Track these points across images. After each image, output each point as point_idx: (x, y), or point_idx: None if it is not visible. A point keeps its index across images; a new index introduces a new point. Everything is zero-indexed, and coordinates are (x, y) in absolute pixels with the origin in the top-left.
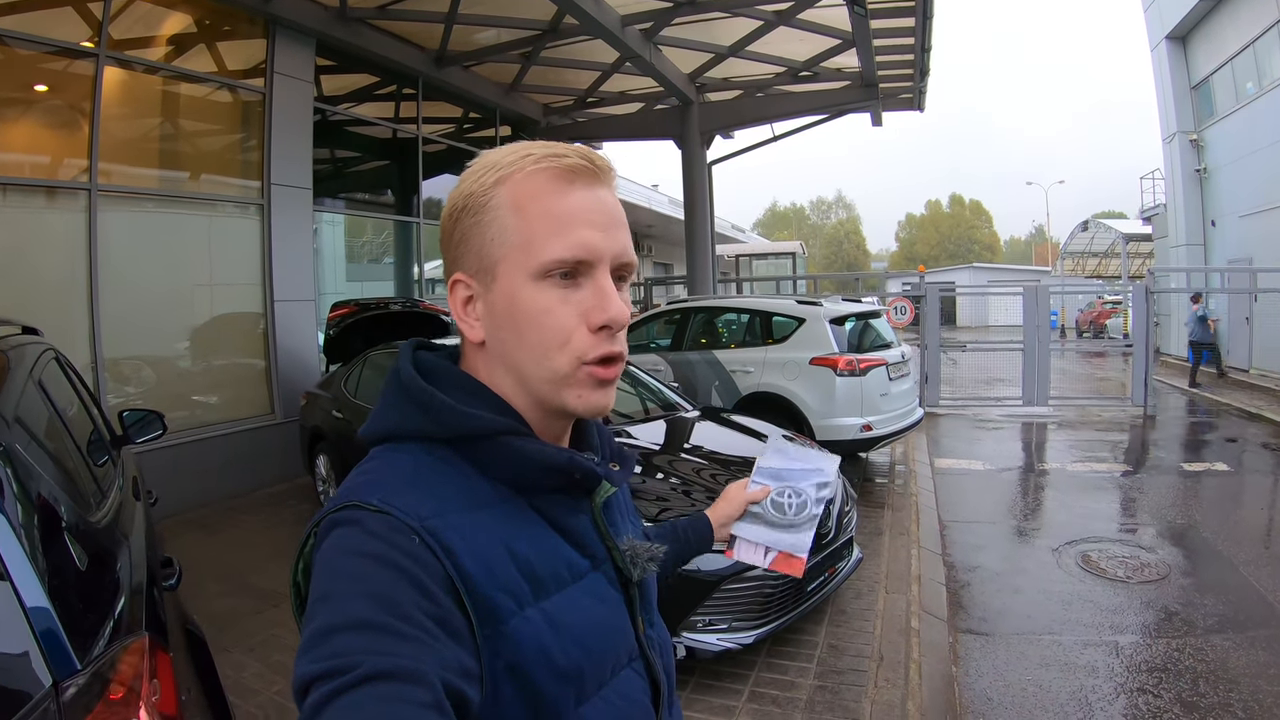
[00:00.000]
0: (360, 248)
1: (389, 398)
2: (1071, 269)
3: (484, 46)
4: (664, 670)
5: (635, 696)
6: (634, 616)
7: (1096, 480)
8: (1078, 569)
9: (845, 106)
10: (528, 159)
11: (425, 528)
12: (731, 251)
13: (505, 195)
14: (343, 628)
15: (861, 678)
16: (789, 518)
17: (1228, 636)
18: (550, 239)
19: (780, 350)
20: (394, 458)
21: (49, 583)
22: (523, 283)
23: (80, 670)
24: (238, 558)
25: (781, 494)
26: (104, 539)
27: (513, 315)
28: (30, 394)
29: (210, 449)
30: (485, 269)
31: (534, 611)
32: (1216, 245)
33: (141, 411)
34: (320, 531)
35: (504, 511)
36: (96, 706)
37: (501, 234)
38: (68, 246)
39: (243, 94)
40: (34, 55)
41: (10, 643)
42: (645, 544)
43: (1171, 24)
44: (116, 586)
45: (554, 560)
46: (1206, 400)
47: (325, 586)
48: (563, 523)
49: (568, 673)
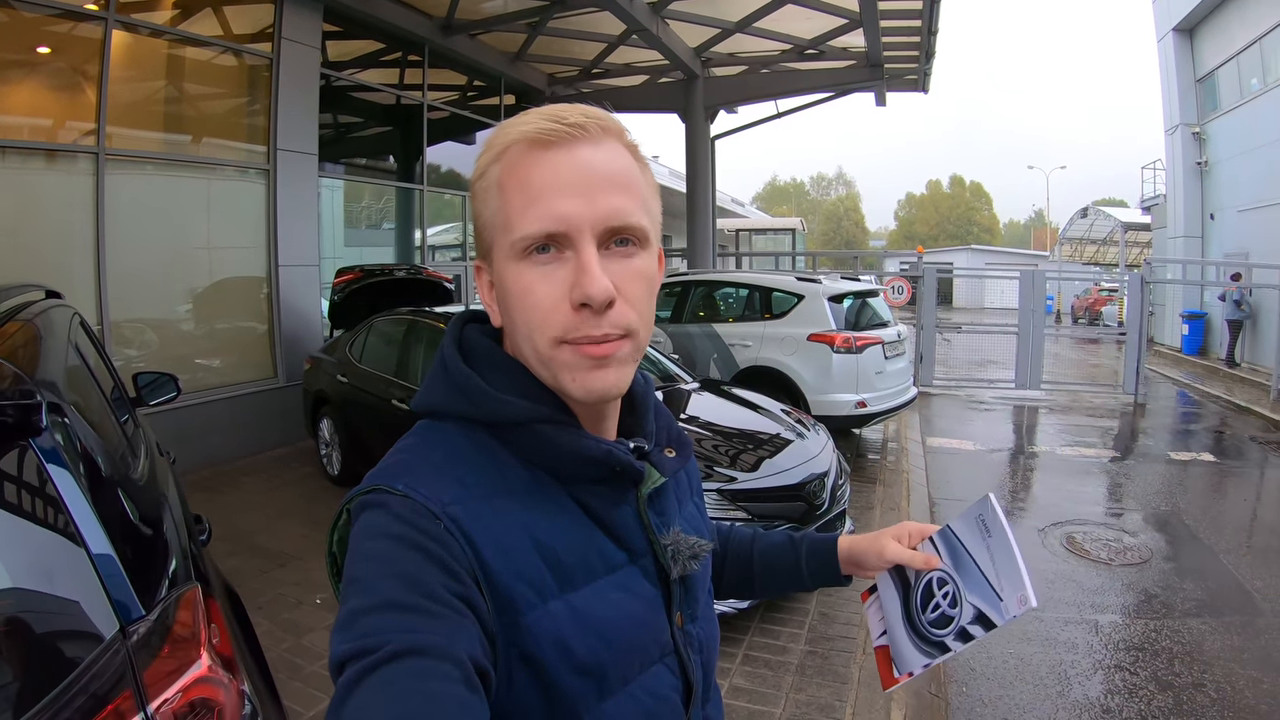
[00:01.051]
0: (362, 213)
1: (435, 373)
2: (1069, 255)
3: (491, 15)
4: (700, 667)
5: (664, 694)
6: (670, 611)
7: (1085, 465)
8: (1062, 550)
9: (850, 86)
10: (514, 129)
11: (447, 513)
12: (731, 225)
13: (495, 173)
14: (372, 608)
15: (850, 644)
16: (924, 618)
17: (1204, 620)
18: (523, 214)
19: (779, 325)
20: (430, 437)
21: (110, 535)
22: (506, 264)
23: (144, 616)
24: (243, 519)
25: (943, 583)
26: (146, 495)
27: (505, 298)
28: (71, 356)
29: (214, 412)
30: (486, 253)
31: (557, 604)
32: (1214, 238)
33: (155, 374)
34: (352, 512)
35: (535, 500)
36: (162, 649)
37: (492, 216)
38: (76, 209)
39: (249, 59)
40: (42, 18)
41: (81, 591)
42: (690, 539)
43: (1179, 16)
44: (165, 539)
45: (585, 551)
46: (1197, 391)
47: (355, 570)
48: (603, 515)
49: (588, 666)
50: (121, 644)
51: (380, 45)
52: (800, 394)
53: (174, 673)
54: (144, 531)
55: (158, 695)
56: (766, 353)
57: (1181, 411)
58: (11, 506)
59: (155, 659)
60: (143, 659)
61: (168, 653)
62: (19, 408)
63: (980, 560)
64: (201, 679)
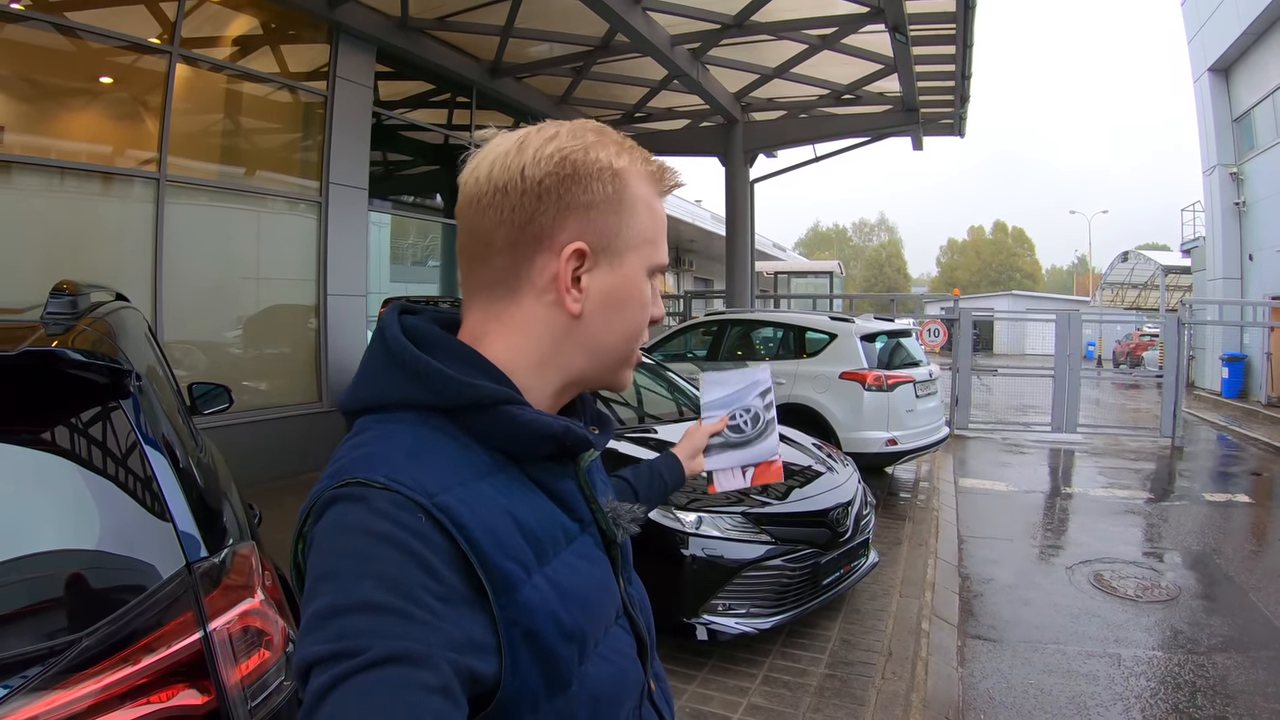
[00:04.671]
0: (409, 249)
1: (373, 365)
2: (1111, 300)
3: (537, 60)
4: (646, 627)
5: (626, 650)
6: (618, 575)
7: (1118, 506)
8: (1089, 586)
9: (886, 130)
10: (636, 157)
11: (435, 504)
12: (770, 268)
13: (635, 189)
14: (349, 609)
15: (870, 670)
16: (749, 433)
17: (1230, 655)
18: (660, 243)
19: (812, 364)
20: (389, 429)
21: (184, 493)
22: (641, 274)
23: (208, 557)
24: (282, 534)
25: (734, 417)
26: (211, 474)
27: (626, 300)
28: (146, 351)
29: (260, 431)
30: (611, 250)
31: (540, 578)
32: (1253, 279)
33: (209, 384)
34: (318, 508)
35: (503, 480)
36: (222, 583)
37: (636, 225)
38: (136, 231)
39: (305, 95)
40: (111, 49)
41: (155, 532)
42: (627, 505)
43: (1214, 56)
44: (226, 508)
45: (551, 525)
46: (1236, 434)
47: (329, 564)
48: (553, 488)
49: (573, 633)
50: (188, 575)
51: (430, 86)
52: (832, 431)
53: (231, 602)
54: (210, 496)
55: (216, 616)
56: (799, 390)
57: (1220, 454)
58: (100, 458)
59: (215, 590)
60: (205, 588)
61: (226, 587)
62: (112, 370)
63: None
64: (253, 610)
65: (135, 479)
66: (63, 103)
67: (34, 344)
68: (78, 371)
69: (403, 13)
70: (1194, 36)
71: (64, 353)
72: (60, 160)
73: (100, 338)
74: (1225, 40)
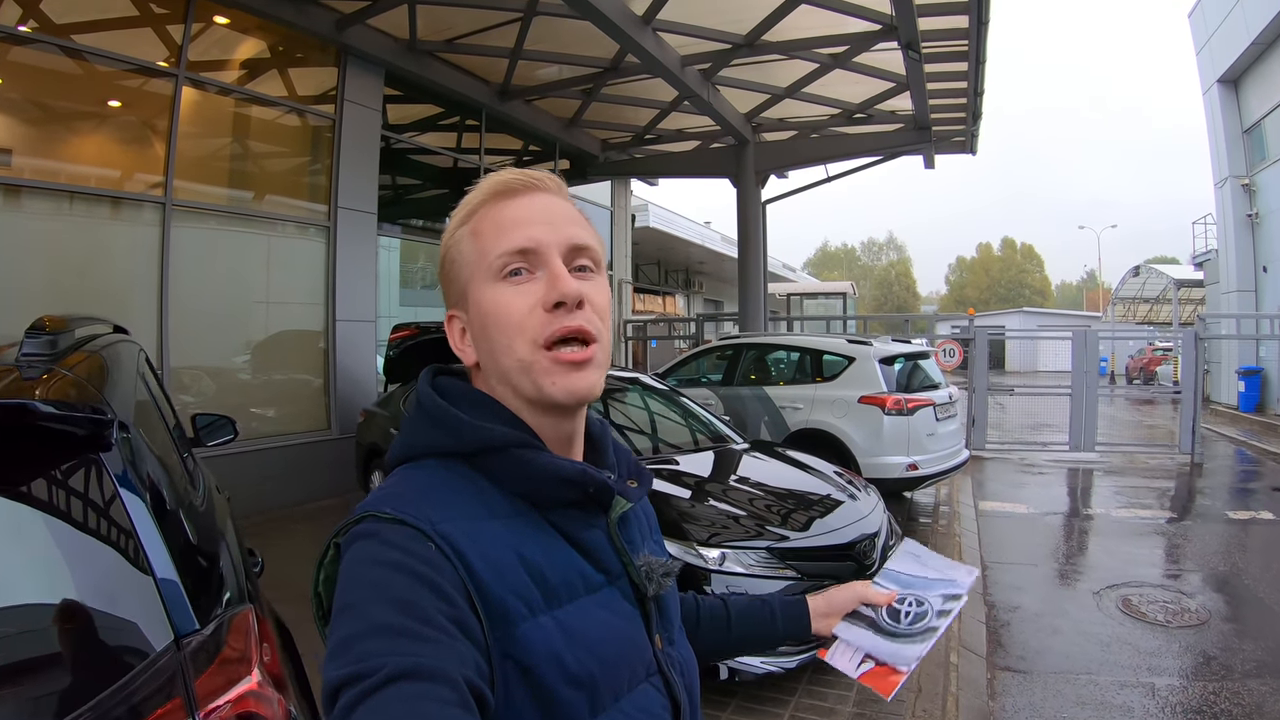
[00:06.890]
0: (418, 273)
1: (411, 421)
2: (1123, 315)
3: (546, 82)
4: (685, 689)
5: (654, 711)
6: (650, 632)
7: (1140, 526)
8: (1118, 612)
9: (898, 149)
10: (477, 192)
11: (437, 532)
12: (782, 290)
13: (466, 229)
14: (366, 634)
15: (900, 708)
16: (900, 628)
17: (1265, 681)
18: (497, 241)
19: (830, 388)
20: (411, 474)
21: (171, 554)
22: (484, 290)
23: (199, 630)
24: (292, 566)
25: (902, 600)
26: (205, 522)
27: (484, 322)
28: (139, 389)
29: (267, 459)
30: (461, 295)
31: (546, 619)
32: (1268, 291)
33: (213, 415)
34: (343, 545)
35: (519, 524)
36: (215, 662)
37: (465, 259)
38: (142, 256)
39: (313, 119)
40: (117, 73)
41: (139, 603)
42: (661, 560)
43: (1223, 67)
44: (221, 563)
45: (567, 570)
46: (1255, 449)
47: (348, 596)
48: (577, 537)
49: (580, 679)
50: (175, 654)
51: (439, 109)
52: (851, 456)
53: (225, 685)
54: (202, 553)
55: (207, 704)
56: (817, 415)
57: (1240, 470)
58: (78, 516)
59: (207, 670)
60: (195, 669)
61: (219, 666)
62: (91, 421)
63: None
64: (251, 693)
65: (115, 544)
66: (69, 126)
67: (6, 392)
68: (52, 424)
69: (411, 35)
70: (1202, 48)
71: (36, 406)
72: (67, 184)
73: (80, 383)
74: (1234, 51)
